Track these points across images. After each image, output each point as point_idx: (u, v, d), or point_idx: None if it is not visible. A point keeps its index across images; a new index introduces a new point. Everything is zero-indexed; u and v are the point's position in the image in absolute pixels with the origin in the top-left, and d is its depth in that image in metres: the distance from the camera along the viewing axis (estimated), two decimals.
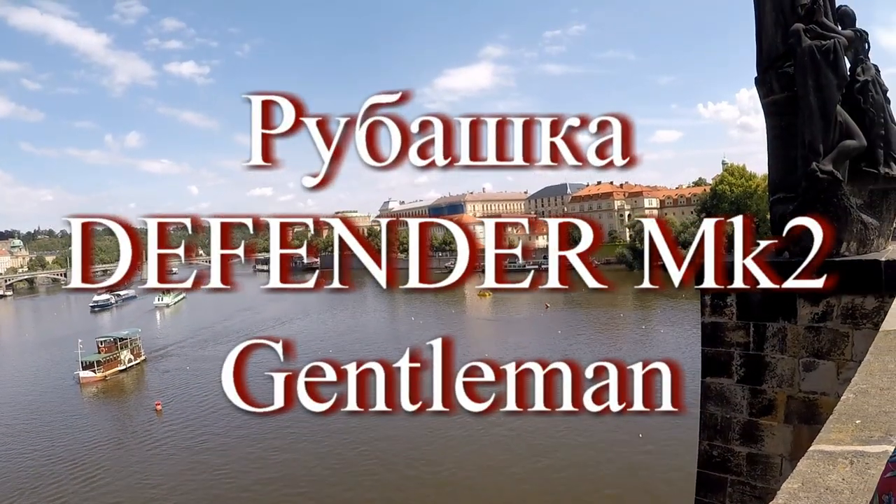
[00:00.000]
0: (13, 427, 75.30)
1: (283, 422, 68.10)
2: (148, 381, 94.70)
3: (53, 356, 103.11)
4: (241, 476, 56.14)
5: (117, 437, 69.67)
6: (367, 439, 62.03)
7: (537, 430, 60.12)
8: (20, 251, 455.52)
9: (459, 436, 60.50)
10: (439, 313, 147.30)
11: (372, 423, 64.28)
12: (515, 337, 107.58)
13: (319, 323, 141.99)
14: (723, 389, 14.64)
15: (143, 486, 55.28)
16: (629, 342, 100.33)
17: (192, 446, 64.88)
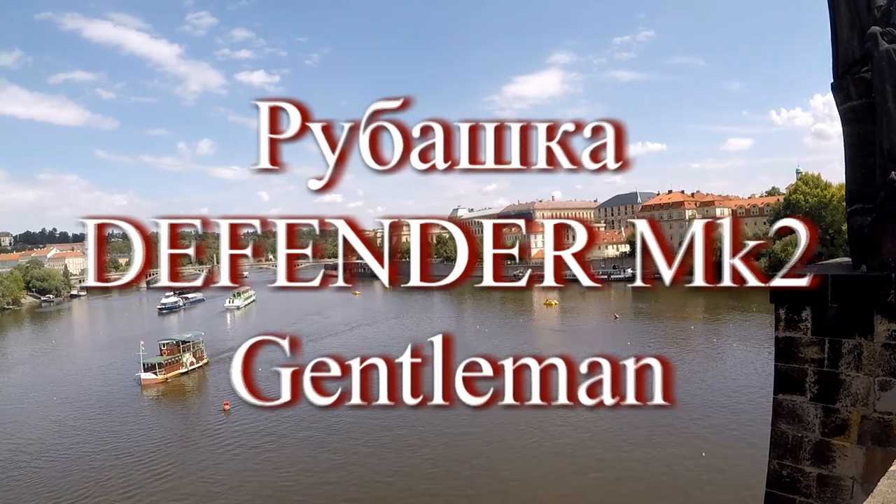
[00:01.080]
0: (80, 423, 79.02)
1: (351, 425, 69.40)
2: (211, 384, 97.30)
3: (118, 356, 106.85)
4: (307, 477, 57.39)
5: (186, 435, 72.36)
6: (437, 443, 62.41)
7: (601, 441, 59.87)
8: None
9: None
10: (506, 322, 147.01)
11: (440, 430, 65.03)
12: (584, 347, 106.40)
13: (387, 329, 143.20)
14: (795, 407, 14.35)
15: (212, 484, 57.19)
16: (701, 357, 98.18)
17: (260, 446, 66.76)
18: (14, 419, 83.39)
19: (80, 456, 66.35)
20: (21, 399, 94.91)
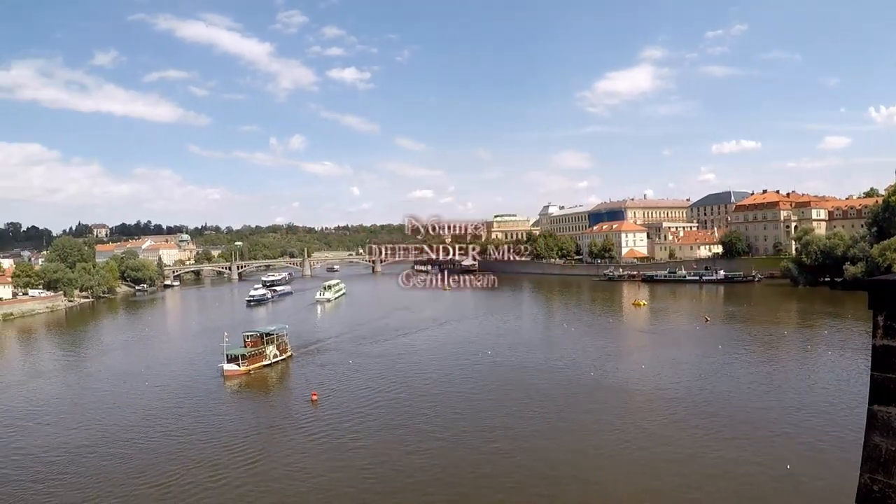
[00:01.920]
0: (169, 409, 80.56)
1: (441, 421, 68.68)
2: (296, 376, 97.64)
3: (205, 346, 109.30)
4: (394, 471, 56.28)
5: (274, 425, 72.74)
6: (528, 447, 61.21)
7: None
8: (188, 245, 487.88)
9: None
10: (595, 322, 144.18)
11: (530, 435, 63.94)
12: (672, 351, 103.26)
13: (476, 325, 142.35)
14: (891, 419, 12.65)
15: (300, 473, 57.01)
16: (793, 364, 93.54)
17: (349, 437, 66.32)
18: (108, 402, 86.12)
19: (168, 440, 67.48)
20: (115, 383, 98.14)
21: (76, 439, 69.18)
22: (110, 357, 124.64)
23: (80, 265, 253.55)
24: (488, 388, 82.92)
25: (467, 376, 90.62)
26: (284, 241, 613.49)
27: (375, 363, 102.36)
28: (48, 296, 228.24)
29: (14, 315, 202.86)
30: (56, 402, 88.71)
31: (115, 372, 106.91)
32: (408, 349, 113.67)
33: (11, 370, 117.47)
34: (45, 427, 75.13)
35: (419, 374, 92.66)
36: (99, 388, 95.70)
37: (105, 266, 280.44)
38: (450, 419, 69.73)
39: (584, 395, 77.95)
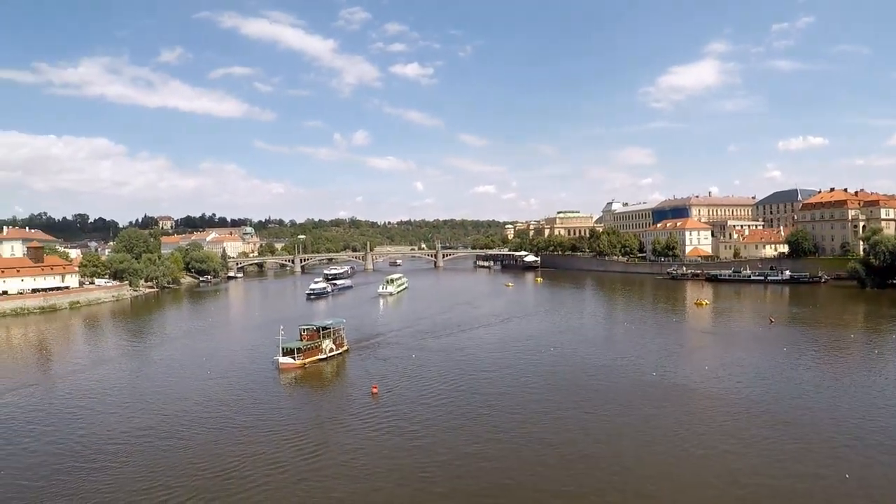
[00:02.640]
0: (228, 398, 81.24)
1: (500, 422, 67.74)
2: (353, 370, 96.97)
3: (265, 338, 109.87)
4: (455, 467, 55.09)
5: (335, 417, 72.41)
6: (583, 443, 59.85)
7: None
8: (251, 238, 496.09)
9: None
10: (657, 321, 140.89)
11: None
12: (735, 353, 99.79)
13: (538, 322, 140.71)
14: None
15: (361, 466, 56.31)
16: (859, 370, 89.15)
17: (410, 431, 65.77)
18: (170, 391, 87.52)
19: (228, 430, 67.89)
20: (177, 372, 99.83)
21: (138, 426, 70.27)
22: (173, 346, 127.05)
23: (145, 256, 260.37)
24: (549, 388, 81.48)
25: (528, 374, 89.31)
26: (347, 235, 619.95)
27: (437, 358, 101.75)
28: (114, 285, 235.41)
29: (81, 303, 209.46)
30: (120, 388, 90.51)
31: (178, 361, 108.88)
32: (469, 345, 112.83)
33: (77, 356, 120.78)
34: (109, 413, 76.62)
35: (480, 371, 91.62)
36: (161, 377, 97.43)
37: (170, 257, 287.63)
38: (510, 419, 68.42)
39: (644, 396, 75.99)
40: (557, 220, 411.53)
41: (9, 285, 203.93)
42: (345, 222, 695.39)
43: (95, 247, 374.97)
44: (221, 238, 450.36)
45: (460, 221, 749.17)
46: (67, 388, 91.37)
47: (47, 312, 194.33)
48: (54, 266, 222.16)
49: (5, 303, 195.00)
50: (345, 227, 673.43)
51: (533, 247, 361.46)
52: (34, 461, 60.56)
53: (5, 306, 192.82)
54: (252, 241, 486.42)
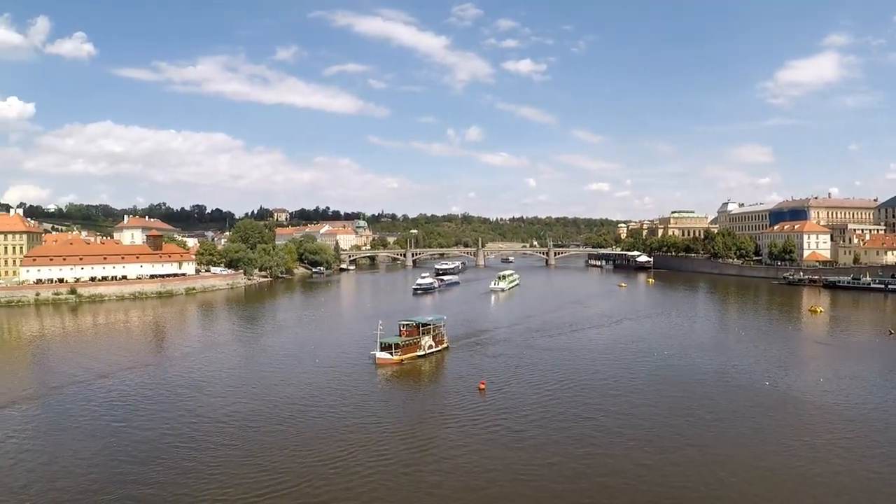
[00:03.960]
0: (333, 388, 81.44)
1: (608, 425, 65.27)
2: (453, 367, 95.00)
3: (369, 330, 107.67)
4: (555, 470, 52.99)
5: (442, 412, 71.23)
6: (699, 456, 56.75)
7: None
8: (364, 231, 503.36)
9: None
10: (770, 328, 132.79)
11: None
12: (852, 365, 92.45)
13: (649, 324, 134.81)
14: None
15: (469, 462, 54.99)
16: None
17: (518, 429, 64.03)
18: (277, 377, 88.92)
19: (332, 418, 68.24)
20: (285, 359, 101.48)
21: (245, 410, 71.69)
22: (283, 334, 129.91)
23: (260, 246, 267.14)
24: (659, 393, 77.95)
25: (638, 378, 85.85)
26: (459, 230, 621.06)
27: (547, 357, 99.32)
28: (229, 273, 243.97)
29: (196, 290, 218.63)
30: (229, 372, 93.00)
31: (286, 349, 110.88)
32: (580, 345, 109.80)
33: (191, 340, 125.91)
34: (218, 395, 78.73)
35: (590, 373, 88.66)
36: (269, 363, 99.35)
37: (284, 248, 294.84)
38: (618, 422, 65.81)
39: (755, 405, 71.82)
40: (671, 220, 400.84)
41: (128, 271, 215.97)
42: (457, 218, 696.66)
43: (212, 236, 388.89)
44: (335, 231, 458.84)
45: (573, 219, 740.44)
46: (180, 369, 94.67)
47: (164, 297, 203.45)
48: (172, 254, 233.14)
49: (125, 287, 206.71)
50: (457, 223, 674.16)
51: (646, 247, 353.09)
52: (144, 437, 62.50)
53: (125, 290, 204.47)
54: (365, 235, 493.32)
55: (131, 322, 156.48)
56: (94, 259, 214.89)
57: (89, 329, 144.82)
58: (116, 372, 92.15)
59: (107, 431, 64.62)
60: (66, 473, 53.45)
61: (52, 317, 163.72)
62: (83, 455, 57.83)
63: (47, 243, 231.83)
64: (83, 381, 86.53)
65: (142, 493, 49.05)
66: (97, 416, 69.93)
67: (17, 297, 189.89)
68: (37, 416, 71.69)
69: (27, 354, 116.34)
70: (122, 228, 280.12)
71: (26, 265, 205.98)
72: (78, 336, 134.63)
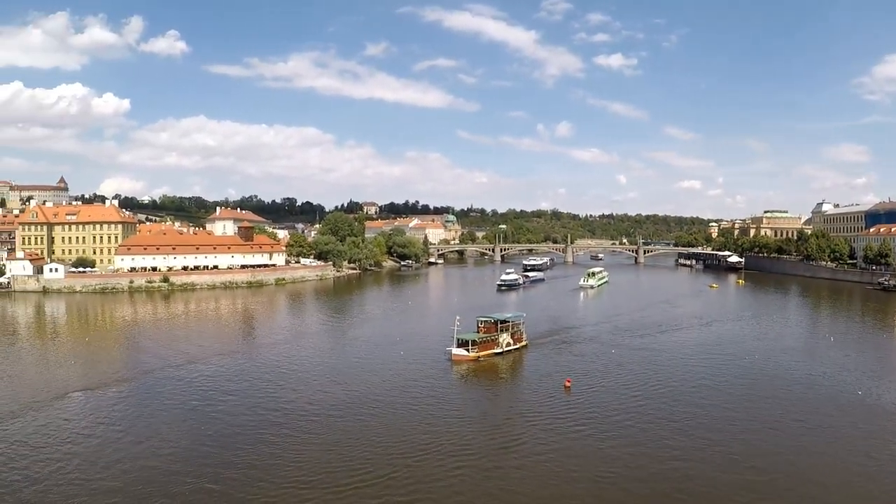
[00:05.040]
0: (416, 382, 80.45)
1: (694, 429, 61.82)
2: (535, 365, 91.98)
3: (443, 326, 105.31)
4: (638, 474, 50.41)
5: (529, 410, 68.94)
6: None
7: None
8: (453, 226, 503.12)
9: None
10: (862, 335, 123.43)
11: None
12: None
13: (738, 327, 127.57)
14: None
15: (556, 462, 53.21)
16: None
17: (606, 428, 61.77)
18: (363, 367, 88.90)
19: (415, 411, 67.54)
20: (371, 351, 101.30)
21: (330, 399, 71.81)
22: (369, 326, 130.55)
23: (349, 239, 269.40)
24: (747, 399, 73.56)
25: (727, 383, 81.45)
26: (548, 226, 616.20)
27: (634, 357, 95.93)
28: (318, 265, 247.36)
29: (286, 280, 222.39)
30: (315, 362, 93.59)
31: (372, 340, 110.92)
32: (668, 346, 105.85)
33: (279, 329, 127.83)
34: (303, 384, 79.22)
35: (678, 375, 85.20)
36: (354, 354, 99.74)
37: (373, 241, 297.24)
38: (705, 427, 62.81)
39: (846, 416, 67.03)
40: (764, 220, 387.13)
41: (220, 260, 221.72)
42: (546, 213, 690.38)
43: (302, 228, 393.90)
44: (424, 224, 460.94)
45: (663, 217, 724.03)
46: (267, 357, 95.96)
47: (254, 287, 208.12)
48: (263, 245, 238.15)
49: (216, 276, 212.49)
50: (546, 219, 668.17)
51: (737, 247, 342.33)
52: (229, 423, 63.36)
53: (216, 280, 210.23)
54: (453, 229, 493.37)
55: (221, 310, 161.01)
56: (186, 249, 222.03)
57: (180, 316, 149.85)
58: (205, 358, 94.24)
59: (193, 416, 65.84)
60: (153, 455, 54.53)
61: (144, 303, 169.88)
62: (170, 437, 59.04)
63: (141, 233, 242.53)
64: (173, 365, 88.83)
65: (225, 478, 49.35)
66: (185, 401, 71.36)
67: (111, 284, 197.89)
68: (128, 397, 73.79)
69: (121, 339, 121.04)
70: (215, 220, 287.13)
71: (121, 254, 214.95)
72: (169, 322, 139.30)
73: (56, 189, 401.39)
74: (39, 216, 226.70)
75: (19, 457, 54.13)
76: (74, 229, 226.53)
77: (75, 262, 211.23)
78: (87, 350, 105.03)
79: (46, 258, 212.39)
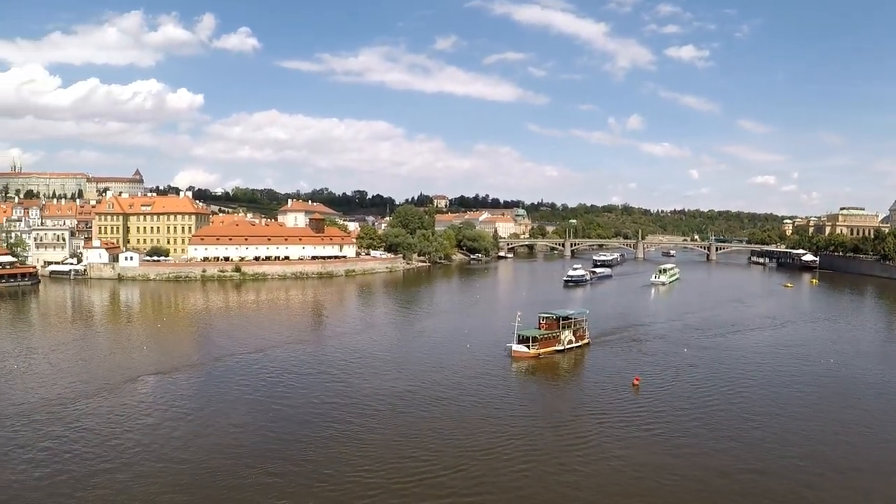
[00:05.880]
0: (480, 377, 79.20)
1: (766, 437, 58.97)
2: (597, 363, 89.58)
3: (510, 320, 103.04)
4: (706, 482, 48.31)
5: (596, 408, 66.82)
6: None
7: None
8: (523, 220, 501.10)
9: None
10: None
11: None
12: None
13: (813, 329, 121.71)
14: None
15: (623, 464, 51.33)
16: None
17: (675, 429, 59.64)
18: (429, 360, 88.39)
19: (482, 407, 66.47)
20: (438, 343, 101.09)
21: (396, 391, 71.35)
22: (436, 319, 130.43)
23: (419, 232, 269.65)
24: (820, 405, 69.48)
25: (801, 388, 76.95)
26: (619, 221, 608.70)
27: (705, 356, 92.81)
28: (388, 257, 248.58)
29: (356, 272, 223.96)
30: (382, 353, 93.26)
31: (439, 333, 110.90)
32: (740, 346, 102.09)
33: (347, 320, 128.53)
34: (370, 376, 78.97)
35: (751, 377, 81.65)
36: (421, 346, 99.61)
37: (443, 234, 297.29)
38: (779, 435, 59.13)
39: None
40: (840, 218, 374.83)
41: (291, 252, 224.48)
42: (617, 208, 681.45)
43: (372, 221, 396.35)
44: (494, 218, 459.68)
45: (735, 213, 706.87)
46: (334, 348, 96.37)
47: (324, 278, 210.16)
48: (333, 237, 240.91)
49: (287, 267, 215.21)
50: (616, 214, 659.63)
51: (812, 245, 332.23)
52: (295, 412, 63.53)
53: (286, 270, 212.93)
54: (523, 223, 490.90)
55: (291, 300, 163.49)
56: (258, 240, 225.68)
57: (251, 305, 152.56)
58: (274, 347, 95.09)
59: (260, 403, 66.41)
60: (220, 440, 55.33)
61: (216, 292, 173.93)
62: (237, 423, 59.68)
63: (214, 224, 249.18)
64: (242, 353, 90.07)
65: (289, 468, 49.34)
66: (252, 388, 72.16)
67: (184, 272, 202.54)
68: (198, 383, 75.37)
69: (192, 326, 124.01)
70: (286, 211, 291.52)
71: (194, 244, 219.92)
72: (240, 311, 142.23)
73: (131, 181, 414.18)
74: (115, 207, 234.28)
75: (92, 434, 56.08)
76: (149, 219, 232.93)
77: (149, 251, 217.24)
78: (159, 336, 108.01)
79: (122, 247, 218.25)
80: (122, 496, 44.22)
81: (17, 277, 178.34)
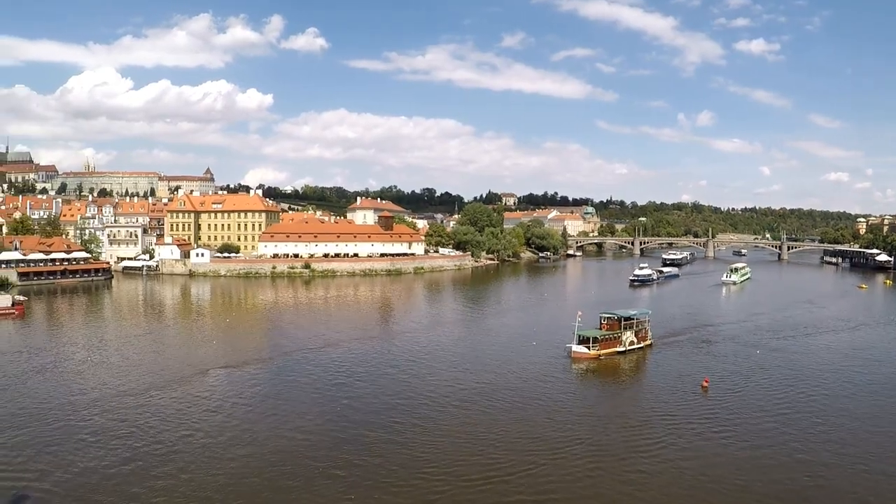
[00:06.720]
0: (550, 378, 77.80)
1: (839, 450, 55.69)
2: (659, 365, 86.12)
3: (570, 320, 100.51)
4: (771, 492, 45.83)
5: (665, 411, 64.26)
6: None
7: None
8: (592, 217, 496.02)
9: None
10: None
11: None
12: None
13: (886, 332, 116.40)
14: None
15: (687, 469, 49.11)
16: None
17: (743, 433, 57.15)
18: (497, 358, 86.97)
19: (548, 407, 64.99)
20: (507, 341, 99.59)
21: (463, 389, 70.52)
22: (504, 317, 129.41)
23: (488, 230, 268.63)
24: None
25: (878, 394, 72.19)
26: (689, 219, 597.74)
27: (777, 359, 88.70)
28: (456, 255, 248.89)
29: (424, 269, 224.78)
30: (449, 351, 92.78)
31: (506, 331, 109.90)
32: (814, 349, 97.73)
33: (415, 317, 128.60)
34: (437, 373, 78.51)
35: (825, 382, 77.30)
36: (489, 344, 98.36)
37: (511, 232, 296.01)
38: (853, 452, 53.94)
39: None
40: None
41: (360, 249, 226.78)
42: (687, 206, 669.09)
43: (441, 219, 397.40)
44: (562, 216, 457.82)
45: (808, 211, 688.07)
46: (402, 345, 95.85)
47: (393, 275, 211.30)
48: (402, 234, 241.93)
49: (356, 264, 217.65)
50: (687, 212, 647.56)
51: (886, 245, 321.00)
52: (362, 408, 63.30)
53: (355, 267, 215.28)
54: (592, 221, 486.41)
55: (360, 297, 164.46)
56: (327, 237, 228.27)
57: (320, 301, 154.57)
58: (342, 342, 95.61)
59: (326, 398, 66.59)
60: (287, 434, 55.39)
61: (286, 288, 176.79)
62: (303, 418, 59.83)
63: (284, 221, 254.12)
64: (311, 348, 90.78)
65: (355, 463, 48.98)
66: (320, 383, 72.42)
67: (255, 269, 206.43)
68: (269, 377, 75.98)
69: (262, 321, 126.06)
70: (355, 209, 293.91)
71: (264, 241, 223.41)
72: (309, 307, 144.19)
73: (202, 179, 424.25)
74: (187, 204, 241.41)
75: (163, 424, 57.33)
76: (220, 217, 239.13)
77: (220, 247, 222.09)
78: (228, 330, 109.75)
79: (193, 244, 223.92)
80: (190, 485, 44.56)
81: (92, 273, 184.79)
